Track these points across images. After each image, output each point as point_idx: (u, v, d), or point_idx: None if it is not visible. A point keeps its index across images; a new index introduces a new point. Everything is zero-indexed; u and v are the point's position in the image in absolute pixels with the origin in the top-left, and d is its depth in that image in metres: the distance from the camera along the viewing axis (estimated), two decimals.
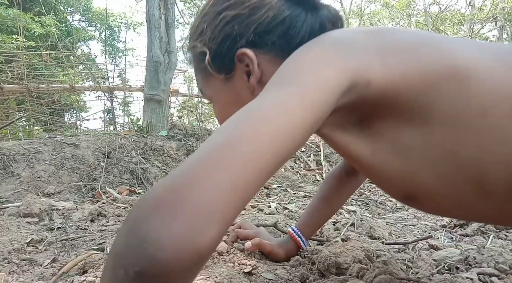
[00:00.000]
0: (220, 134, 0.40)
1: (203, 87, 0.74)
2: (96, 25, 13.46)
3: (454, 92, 0.48)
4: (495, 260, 0.93)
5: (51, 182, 1.98)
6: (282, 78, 0.48)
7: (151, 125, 2.84)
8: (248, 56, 0.62)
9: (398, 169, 0.53)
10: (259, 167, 0.38)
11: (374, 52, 0.51)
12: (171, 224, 0.31)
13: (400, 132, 0.52)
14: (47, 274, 0.95)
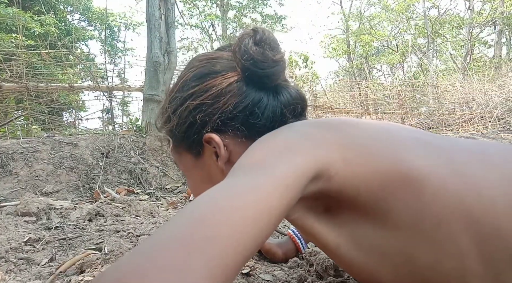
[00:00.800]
0: (193, 210, 0.37)
1: (176, 161, 0.75)
2: (95, 25, 13.46)
3: (410, 200, 0.48)
4: None
5: (49, 181, 1.98)
6: (251, 162, 0.48)
7: (150, 125, 2.84)
8: (214, 140, 0.63)
9: (361, 265, 0.53)
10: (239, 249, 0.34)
11: (336, 150, 0.51)
12: None
13: (361, 228, 0.52)
14: (45, 274, 0.95)
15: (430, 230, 0.47)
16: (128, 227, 1.31)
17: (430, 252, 0.47)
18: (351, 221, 0.53)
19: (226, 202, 0.38)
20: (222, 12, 16.37)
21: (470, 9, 13.54)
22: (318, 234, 0.56)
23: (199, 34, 16.72)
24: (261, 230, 0.38)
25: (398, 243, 0.49)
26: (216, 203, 0.38)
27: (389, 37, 16.36)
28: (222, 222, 0.35)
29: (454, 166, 0.50)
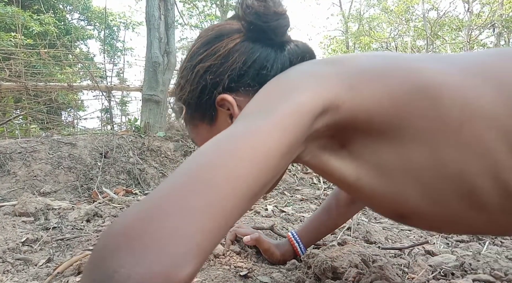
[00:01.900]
0: (193, 159, 0.39)
1: (193, 137, 0.76)
2: (95, 24, 13.44)
3: (428, 110, 0.48)
4: (490, 267, 0.94)
5: (48, 181, 1.98)
6: (253, 108, 0.49)
7: (148, 125, 2.83)
8: (227, 100, 0.64)
9: (385, 191, 0.53)
10: (238, 190, 0.36)
11: (341, 79, 0.51)
12: (143, 261, 0.28)
13: (380, 154, 0.52)
14: (42, 274, 0.94)
15: (453, 135, 0.47)
16: None
17: (457, 157, 0.47)
18: (368, 149, 0.53)
19: (224, 147, 0.40)
20: (221, 12, 16.35)
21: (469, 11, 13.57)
22: (335, 171, 0.56)
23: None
24: (260, 171, 0.39)
25: (422, 158, 0.49)
26: (214, 149, 0.40)
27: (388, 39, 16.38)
28: (219, 167, 0.37)
29: (468, 70, 0.50)
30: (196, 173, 0.36)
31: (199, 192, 0.34)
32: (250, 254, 1.07)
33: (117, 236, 0.31)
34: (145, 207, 0.33)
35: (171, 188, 0.34)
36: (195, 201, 0.33)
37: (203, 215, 0.32)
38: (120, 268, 0.28)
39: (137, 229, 0.30)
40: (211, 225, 0.33)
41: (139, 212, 0.32)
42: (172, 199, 0.33)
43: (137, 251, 0.29)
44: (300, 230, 1.08)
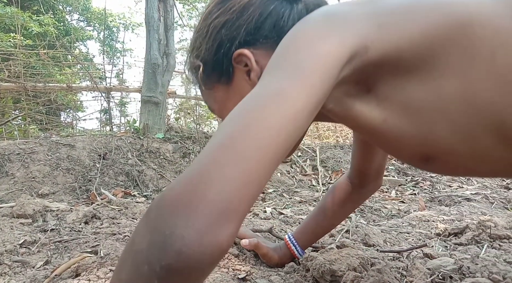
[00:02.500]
0: (224, 129, 0.41)
1: (210, 102, 0.75)
2: (94, 25, 13.44)
3: (459, 40, 0.47)
4: (488, 270, 0.94)
5: (46, 183, 1.97)
6: (277, 64, 0.47)
7: (147, 127, 2.83)
8: (244, 55, 0.63)
9: (412, 131, 0.52)
10: (267, 158, 0.39)
11: (367, 19, 0.50)
12: (194, 223, 0.34)
13: (408, 92, 0.51)
14: (40, 277, 0.94)
15: (484, 65, 0.46)
16: (124, 230, 1.30)
17: (489, 87, 0.47)
18: (396, 89, 0.52)
19: (252, 116, 0.41)
20: None
21: None
22: (360, 116, 0.55)
23: None
24: (288, 136, 0.41)
25: (452, 91, 0.48)
26: (243, 119, 0.41)
27: None
28: (249, 138, 0.39)
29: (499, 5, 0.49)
30: (229, 144, 0.39)
31: (233, 163, 0.37)
32: (249, 257, 1.07)
33: (168, 206, 0.35)
34: (190, 178, 0.37)
35: (208, 160, 0.38)
36: (230, 171, 0.36)
37: (238, 183, 0.36)
38: (175, 230, 0.33)
39: (185, 197, 0.35)
40: (246, 192, 0.37)
41: (185, 183, 0.37)
42: (211, 169, 0.37)
43: (188, 217, 0.34)
44: (296, 232, 1.07)
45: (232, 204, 0.36)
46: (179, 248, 0.33)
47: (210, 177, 0.36)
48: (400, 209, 2.06)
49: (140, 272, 0.34)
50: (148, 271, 0.33)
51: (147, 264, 0.33)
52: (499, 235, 1.26)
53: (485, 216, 1.71)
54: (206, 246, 0.33)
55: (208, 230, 0.34)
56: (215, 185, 0.36)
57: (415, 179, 2.99)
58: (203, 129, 4.27)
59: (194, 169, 0.38)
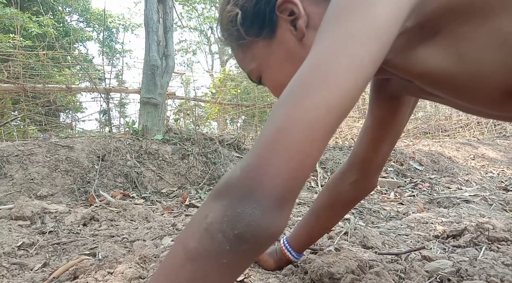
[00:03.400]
0: (277, 114, 0.43)
1: (246, 62, 0.70)
2: (94, 26, 13.44)
3: None
4: (486, 273, 0.94)
5: (44, 185, 1.97)
6: (329, 27, 0.46)
7: (146, 128, 2.83)
8: (290, 1, 0.59)
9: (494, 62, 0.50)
10: (313, 147, 0.42)
11: None
12: (259, 206, 0.40)
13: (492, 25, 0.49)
14: (38, 279, 0.94)
15: None
16: (122, 232, 1.30)
17: None
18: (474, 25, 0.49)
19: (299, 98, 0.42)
20: None
21: None
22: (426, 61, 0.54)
23: (198, 36, 16.74)
24: (336, 117, 0.43)
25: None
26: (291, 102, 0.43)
27: None
28: (295, 130, 0.41)
29: None
30: (278, 136, 0.42)
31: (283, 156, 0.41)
32: None
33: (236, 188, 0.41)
34: (249, 168, 0.42)
35: (262, 151, 0.42)
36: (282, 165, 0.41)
37: (290, 174, 0.41)
38: (244, 209, 0.40)
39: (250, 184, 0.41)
40: (296, 181, 0.42)
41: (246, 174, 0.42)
42: (265, 162, 0.41)
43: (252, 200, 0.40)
44: (291, 236, 1.04)
45: (285, 192, 0.41)
46: (248, 222, 0.39)
47: (266, 169, 0.41)
48: (399, 211, 2.06)
49: (214, 239, 0.39)
50: (222, 238, 0.39)
51: (221, 233, 0.39)
52: (497, 238, 1.26)
53: (483, 218, 1.71)
54: (267, 223, 0.40)
55: (268, 213, 0.40)
56: (270, 176, 0.40)
57: (414, 181, 2.99)
58: (202, 130, 4.27)
59: (253, 158, 0.42)
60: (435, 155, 3.85)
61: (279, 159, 0.41)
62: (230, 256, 0.39)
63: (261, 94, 5.90)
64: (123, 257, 1.04)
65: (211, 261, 0.40)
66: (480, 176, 3.41)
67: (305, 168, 0.42)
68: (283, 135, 0.42)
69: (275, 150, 0.41)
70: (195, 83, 13.82)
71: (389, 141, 0.87)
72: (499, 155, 4.58)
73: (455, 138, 5.84)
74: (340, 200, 0.95)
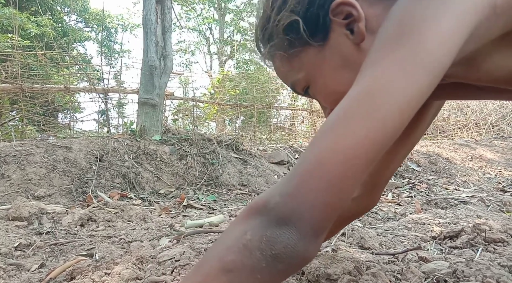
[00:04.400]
0: (317, 144, 0.45)
1: (294, 72, 0.65)
2: (92, 26, 13.43)
3: None
4: (483, 274, 0.94)
5: (42, 185, 1.97)
6: (392, 33, 0.44)
7: (144, 129, 2.83)
8: (347, 3, 0.55)
9: None
10: (350, 183, 0.43)
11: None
12: (295, 233, 0.42)
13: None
14: (35, 280, 0.94)
15: None
16: (120, 233, 1.30)
17: None
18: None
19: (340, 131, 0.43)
20: (219, 15, 16.40)
21: None
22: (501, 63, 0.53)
23: (197, 37, 16.75)
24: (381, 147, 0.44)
25: None
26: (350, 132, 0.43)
27: None
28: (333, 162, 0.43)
29: None
30: (318, 168, 0.43)
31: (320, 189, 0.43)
32: None
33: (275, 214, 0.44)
34: (288, 195, 0.44)
35: (300, 181, 0.44)
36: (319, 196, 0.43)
37: (325, 207, 0.43)
38: (283, 234, 0.42)
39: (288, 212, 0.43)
40: (330, 214, 0.44)
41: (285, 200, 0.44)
42: (302, 189, 0.43)
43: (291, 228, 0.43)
44: None
45: (320, 225, 0.43)
46: (286, 245, 0.42)
47: (306, 200, 0.42)
48: (397, 212, 2.06)
49: (252, 255, 0.42)
50: (260, 255, 0.42)
51: (259, 251, 0.42)
52: (494, 239, 1.26)
53: (480, 219, 1.71)
54: (303, 248, 0.43)
55: (304, 239, 0.43)
56: (311, 208, 0.42)
57: (411, 182, 3.00)
58: (201, 131, 4.27)
59: (292, 185, 0.44)
60: (433, 156, 3.86)
61: (317, 192, 0.42)
62: (264, 272, 0.42)
63: (260, 95, 5.91)
64: (120, 258, 1.04)
65: (246, 275, 0.42)
66: (477, 177, 3.42)
67: (340, 200, 0.43)
68: (322, 167, 0.43)
69: (314, 181, 0.43)
70: (193, 83, 13.81)
71: (403, 155, 0.85)
72: (497, 156, 4.59)
73: (453, 139, 5.86)
74: (340, 216, 0.92)
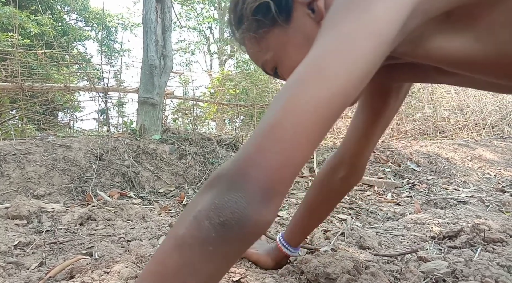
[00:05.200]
0: (272, 107, 0.44)
1: (262, 53, 0.68)
2: (92, 25, 13.42)
3: None
4: (481, 274, 0.94)
5: (42, 184, 1.97)
6: (341, 6, 0.46)
7: (144, 128, 2.83)
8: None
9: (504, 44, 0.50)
10: (304, 141, 0.42)
11: None
12: (244, 197, 0.40)
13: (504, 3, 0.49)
14: (34, 278, 0.94)
15: None
16: (119, 231, 1.30)
17: None
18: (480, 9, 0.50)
19: (294, 92, 0.43)
20: (219, 15, 16.38)
21: None
22: (448, 44, 0.53)
23: (197, 36, 16.74)
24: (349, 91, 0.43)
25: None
26: (285, 97, 0.43)
27: None
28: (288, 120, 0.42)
29: None
30: (271, 130, 0.42)
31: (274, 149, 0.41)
32: (243, 260, 1.07)
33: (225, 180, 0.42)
34: (240, 159, 0.42)
35: (254, 145, 0.43)
36: (272, 157, 0.41)
37: (278, 167, 0.41)
38: (231, 199, 0.40)
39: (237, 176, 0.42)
40: (284, 174, 0.42)
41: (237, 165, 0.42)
42: (255, 154, 0.42)
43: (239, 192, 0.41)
44: (286, 233, 1.05)
45: (274, 184, 0.41)
46: (233, 210, 0.40)
47: (256, 161, 0.41)
48: (396, 212, 2.06)
49: (201, 225, 0.40)
50: (208, 225, 0.40)
51: (208, 220, 0.40)
52: (493, 239, 1.27)
53: (479, 219, 1.71)
54: (251, 213, 0.41)
55: (253, 203, 0.41)
56: (260, 169, 0.41)
57: (411, 182, 3.00)
58: (200, 130, 4.27)
59: (244, 152, 0.43)
60: (432, 156, 3.86)
61: (268, 152, 0.41)
62: (215, 243, 0.40)
63: (260, 94, 5.91)
64: (119, 257, 1.04)
65: (197, 248, 0.40)
66: (477, 178, 3.42)
67: (294, 161, 0.42)
68: (274, 129, 0.42)
69: (265, 143, 0.42)
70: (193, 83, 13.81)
71: (379, 133, 0.90)
72: (496, 157, 4.60)
73: (452, 139, 5.86)
74: (332, 194, 0.99)
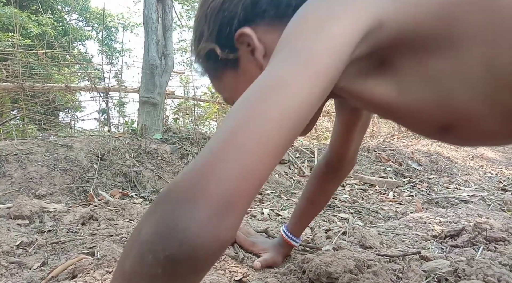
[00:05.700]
0: (227, 123, 0.41)
1: (221, 91, 0.74)
2: (93, 25, 13.43)
3: (480, 8, 0.46)
4: (484, 273, 0.94)
5: (43, 184, 1.97)
6: (282, 48, 0.46)
7: (145, 127, 2.83)
8: (245, 34, 0.62)
9: (430, 100, 0.51)
10: (267, 152, 0.39)
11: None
12: (195, 216, 0.34)
13: (427, 63, 0.50)
14: (36, 278, 0.94)
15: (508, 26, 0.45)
16: (121, 231, 1.31)
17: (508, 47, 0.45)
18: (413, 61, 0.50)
19: (253, 107, 0.40)
20: None
21: None
22: (374, 91, 0.54)
23: None
24: (291, 128, 0.41)
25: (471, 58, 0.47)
26: (245, 110, 0.41)
27: None
28: (250, 131, 0.39)
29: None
30: (230, 139, 0.39)
31: (233, 158, 0.37)
32: (245, 259, 1.07)
33: (173, 200, 0.36)
34: (193, 172, 0.38)
35: (210, 155, 0.38)
36: (231, 167, 0.37)
37: (238, 178, 0.37)
38: (179, 222, 0.34)
39: (188, 191, 0.36)
40: (246, 186, 0.37)
41: (189, 177, 0.37)
42: (213, 164, 0.37)
43: (189, 209, 0.35)
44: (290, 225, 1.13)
45: (232, 198, 0.36)
46: (181, 239, 0.34)
47: (212, 172, 0.36)
48: (397, 211, 2.06)
49: (145, 261, 0.35)
50: (153, 260, 0.34)
51: (151, 253, 0.34)
52: (495, 238, 1.26)
53: (481, 218, 1.71)
54: (205, 238, 0.34)
55: (208, 223, 0.34)
56: (216, 180, 0.36)
57: (412, 181, 2.99)
58: (201, 130, 4.27)
59: (197, 163, 0.38)
60: (433, 155, 3.86)
61: (226, 162, 0.37)
62: (164, 281, 0.34)
63: None
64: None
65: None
66: (478, 176, 3.42)
67: (256, 173, 0.38)
68: (232, 139, 0.38)
69: (222, 153, 0.38)
70: (194, 82, 13.82)
71: (358, 134, 0.97)
72: (498, 156, 4.59)
73: None
74: (329, 185, 1.08)
